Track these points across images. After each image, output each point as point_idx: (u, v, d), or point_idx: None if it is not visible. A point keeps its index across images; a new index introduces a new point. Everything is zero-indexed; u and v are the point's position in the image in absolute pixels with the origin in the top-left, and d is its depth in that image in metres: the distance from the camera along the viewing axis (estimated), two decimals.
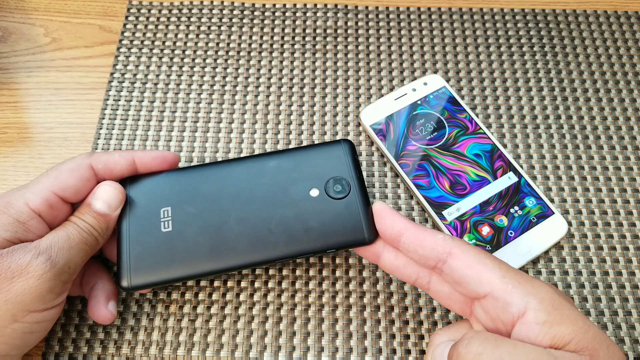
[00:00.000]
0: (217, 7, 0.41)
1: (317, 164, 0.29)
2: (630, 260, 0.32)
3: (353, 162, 0.29)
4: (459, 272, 0.23)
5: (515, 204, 0.33)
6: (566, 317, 0.21)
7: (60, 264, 0.24)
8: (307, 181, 0.28)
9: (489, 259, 0.23)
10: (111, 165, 0.28)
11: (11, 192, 0.26)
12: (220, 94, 0.38)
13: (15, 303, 0.23)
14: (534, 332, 0.21)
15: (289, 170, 0.29)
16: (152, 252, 0.27)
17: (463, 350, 0.21)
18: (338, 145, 0.30)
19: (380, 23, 0.41)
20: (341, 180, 0.28)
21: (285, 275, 0.32)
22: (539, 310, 0.21)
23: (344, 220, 0.27)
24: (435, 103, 0.36)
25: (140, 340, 0.30)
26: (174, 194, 0.29)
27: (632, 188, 0.35)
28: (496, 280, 0.22)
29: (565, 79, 0.39)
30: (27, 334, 0.24)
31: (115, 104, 0.37)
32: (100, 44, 0.40)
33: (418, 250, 0.24)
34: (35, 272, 0.23)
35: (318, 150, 0.30)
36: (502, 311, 0.22)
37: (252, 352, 0.29)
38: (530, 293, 0.21)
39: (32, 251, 0.24)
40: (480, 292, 0.23)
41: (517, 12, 0.42)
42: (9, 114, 0.37)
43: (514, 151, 0.36)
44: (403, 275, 0.26)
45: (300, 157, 0.29)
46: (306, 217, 0.27)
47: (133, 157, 0.29)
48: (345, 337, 0.30)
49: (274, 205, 0.28)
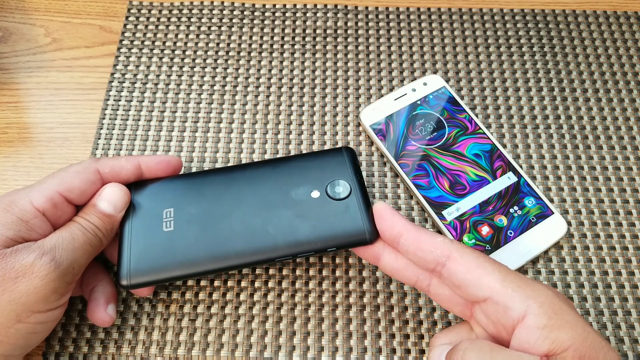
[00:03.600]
0: (217, 7, 0.41)
1: (318, 169, 0.29)
2: (630, 260, 0.32)
3: (354, 167, 0.30)
4: (458, 276, 0.23)
5: (514, 204, 0.33)
6: (566, 322, 0.21)
7: (65, 264, 0.24)
8: (309, 184, 0.29)
9: (488, 263, 0.23)
10: (117, 170, 0.28)
11: (16, 191, 0.26)
12: (220, 94, 0.38)
13: (19, 304, 0.23)
14: (534, 337, 0.21)
15: (290, 174, 0.29)
16: (152, 250, 0.27)
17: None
18: (339, 151, 0.30)
19: (380, 23, 0.41)
20: (342, 182, 0.29)
21: (285, 275, 0.32)
22: (539, 314, 0.21)
23: (345, 219, 0.27)
24: (435, 103, 0.36)
25: (141, 339, 0.30)
26: (177, 197, 0.29)
27: (632, 188, 0.35)
28: (496, 284, 0.22)
29: (564, 79, 0.39)
30: (31, 334, 0.24)
31: (115, 104, 0.37)
32: (101, 44, 0.40)
33: (417, 253, 0.24)
34: (40, 272, 0.23)
35: (319, 156, 0.30)
36: (502, 315, 0.22)
37: (252, 351, 0.29)
38: (530, 297, 0.21)
39: (36, 251, 0.24)
40: (480, 296, 0.22)
41: (516, 12, 0.42)
42: (9, 114, 0.37)
43: (514, 151, 0.36)
44: (403, 277, 0.26)
45: (302, 163, 0.30)
46: (307, 216, 0.28)
47: (139, 162, 0.29)
48: (345, 337, 0.30)
49: (275, 206, 0.28)
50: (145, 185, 0.29)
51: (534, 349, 0.21)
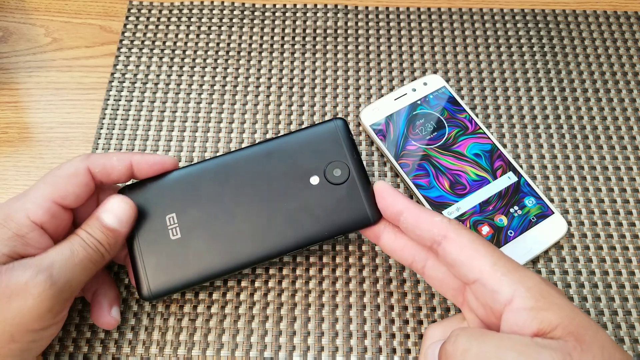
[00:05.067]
0: (217, 7, 0.41)
1: (313, 149, 0.29)
2: (630, 260, 0.32)
3: (349, 142, 0.29)
4: (451, 256, 0.23)
5: (515, 204, 0.33)
6: (554, 304, 0.21)
7: (61, 282, 0.23)
8: (306, 169, 0.28)
9: (482, 246, 0.23)
10: (109, 169, 0.27)
11: (10, 202, 0.25)
12: (220, 93, 0.38)
13: (13, 324, 0.22)
14: (522, 319, 0.21)
15: (286, 160, 0.29)
16: (166, 262, 0.27)
17: (450, 348, 0.21)
18: (331, 125, 0.29)
19: (380, 23, 0.41)
20: (339, 164, 0.28)
21: (285, 275, 0.32)
22: (526, 297, 0.21)
23: (348, 204, 0.27)
24: (435, 103, 0.36)
25: (141, 339, 0.30)
26: (175, 199, 0.28)
27: (632, 188, 0.35)
28: (486, 266, 0.22)
29: (564, 79, 0.39)
30: (25, 351, 0.24)
31: (115, 104, 0.37)
32: (101, 44, 0.40)
33: (416, 230, 0.25)
34: (34, 291, 0.22)
35: (312, 133, 0.29)
36: (490, 298, 0.22)
37: (253, 351, 0.29)
38: (518, 281, 0.22)
39: (32, 268, 0.23)
40: (470, 277, 0.23)
41: (517, 12, 0.42)
42: (9, 114, 0.37)
43: (514, 151, 0.36)
44: (400, 257, 0.27)
45: (296, 146, 0.29)
46: (310, 206, 0.28)
47: (131, 161, 0.28)
48: (345, 337, 0.30)
49: (277, 199, 0.28)
50: (139, 190, 0.28)
51: (523, 331, 0.21)
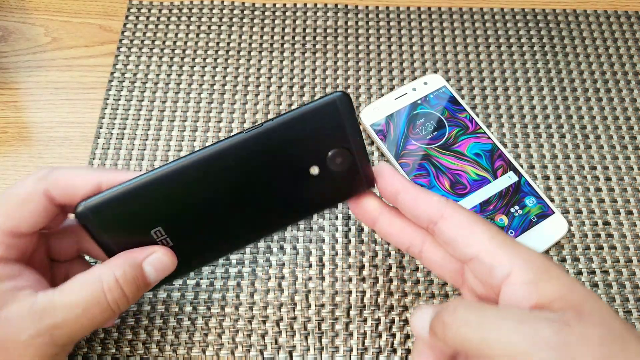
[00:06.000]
0: (217, 7, 0.41)
1: (312, 137, 0.24)
2: (631, 260, 0.32)
3: (351, 122, 0.24)
4: (448, 234, 0.23)
5: (515, 204, 0.33)
6: (552, 277, 0.21)
7: (62, 342, 0.22)
8: (305, 158, 0.25)
9: (479, 223, 0.23)
10: (71, 192, 0.23)
11: None
12: (220, 93, 0.38)
13: None
14: (520, 292, 0.21)
15: (282, 151, 0.24)
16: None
17: (448, 318, 0.20)
18: (333, 103, 0.24)
19: (380, 23, 0.41)
20: (343, 152, 0.25)
21: (285, 275, 0.32)
22: (525, 270, 0.21)
23: (345, 180, 0.25)
24: (436, 103, 0.36)
25: (141, 339, 0.30)
26: (157, 208, 0.24)
27: (632, 187, 0.35)
28: (484, 243, 0.22)
29: (565, 78, 0.39)
30: None
31: (115, 104, 0.37)
32: (101, 44, 0.40)
33: (413, 211, 0.24)
34: (31, 350, 0.21)
35: (311, 114, 0.24)
36: (488, 274, 0.22)
37: (252, 351, 0.29)
38: (516, 255, 0.21)
39: (33, 326, 0.21)
40: (467, 255, 0.22)
41: (517, 12, 0.42)
42: (9, 113, 0.37)
43: (514, 151, 0.36)
44: (397, 241, 0.26)
45: (293, 132, 0.24)
46: (308, 194, 0.26)
47: (99, 182, 0.23)
48: (346, 337, 0.30)
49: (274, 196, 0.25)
50: (111, 207, 0.23)
51: (522, 303, 0.20)
